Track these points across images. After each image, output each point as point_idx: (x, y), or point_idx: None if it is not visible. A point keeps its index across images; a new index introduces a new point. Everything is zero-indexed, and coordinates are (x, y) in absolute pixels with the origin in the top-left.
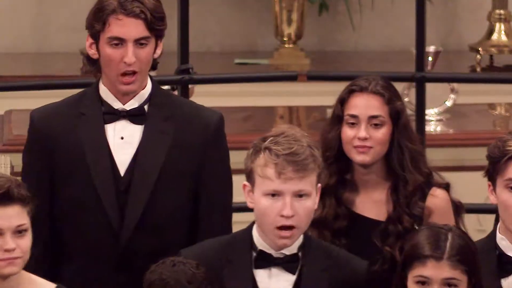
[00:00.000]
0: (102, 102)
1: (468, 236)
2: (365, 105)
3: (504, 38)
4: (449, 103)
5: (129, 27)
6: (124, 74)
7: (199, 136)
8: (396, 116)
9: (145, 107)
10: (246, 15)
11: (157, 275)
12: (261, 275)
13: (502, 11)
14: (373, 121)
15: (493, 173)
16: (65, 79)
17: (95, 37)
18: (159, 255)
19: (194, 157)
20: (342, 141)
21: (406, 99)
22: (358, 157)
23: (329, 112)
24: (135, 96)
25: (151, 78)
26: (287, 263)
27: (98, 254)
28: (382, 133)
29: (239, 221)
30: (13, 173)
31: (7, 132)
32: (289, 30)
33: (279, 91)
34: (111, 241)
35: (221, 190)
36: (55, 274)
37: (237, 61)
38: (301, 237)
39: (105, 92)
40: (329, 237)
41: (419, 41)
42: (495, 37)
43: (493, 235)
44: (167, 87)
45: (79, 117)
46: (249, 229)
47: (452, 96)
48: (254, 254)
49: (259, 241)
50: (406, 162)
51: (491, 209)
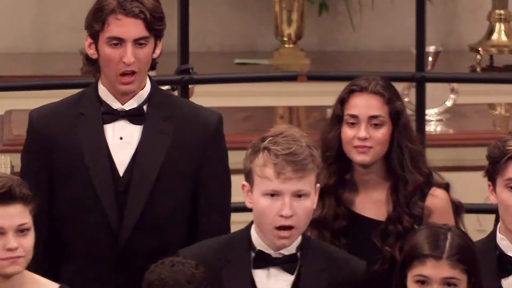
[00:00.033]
0: (101, 102)
1: (467, 235)
2: (365, 105)
3: (504, 38)
4: (449, 103)
5: (128, 27)
6: (123, 74)
7: (198, 136)
8: (396, 116)
9: (144, 107)
10: (246, 15)
11: (156, 275)
12: (259, 275)
13: (502, 11)
14: (373, 121)
15: (493, 173)
16: (65, 79)
17: (94, 37)
18: (158, 255)
19: (193, 157)
20: (342, 141)
21: (406, 99)
22: (358, 157)
23: (329, 112)
24: (134, 96)
25: (150, 78)
26: (286, 263)
27: (97, 254)
28: (382, 133)
29: (238, 221)
30: (13, 173)
31: (7, 132)
32: (289, 30)
33: (279, 91)
34: (110, 241)
35: (220, 190)
36: (54, 274)
37: (237, 61)
38: (300, 237)
39: (104, 92)
40: (328, 237)
41: (419, 41)
42: (495, 37)
43: (493, 235)
44: (167, 87)
45: (78, 117)
46: (248, 229)
47: (452, 96)
48: (252, 254)
49: (258, 241)
50: (406, 162)
51: (491, 209)
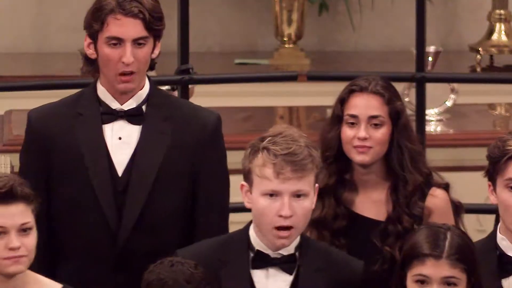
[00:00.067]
0: (100, 102)
1: (467, 235)
2: (365, 105)
3: (504, 38)
4: (449, 103)
5: (128, 27)
6: (122, 74)
7: (197, 136)
8: (396, 116)
9: (143, 108)
10: (246, 15)
11: (155, 275)
12: (258, 275)
13: (502, 11)
14: (373, 121)
15: (493, 173)
16: (65, 79)
17: (93, 37)
18: (157, 255)
19: (191, 158)
20: (341, 141)
21: (406, 99)
22: (357, 157)
23: (329, 112)
24: (133, 96)
25: (149, 78)
26: (284, 264)
27: (95, 254)
28: (381, 133)
29: (237, 221)
30: (13, 173)
31: (7, 132)
32: (289, 30)
33: (279, 91)
34: (109, 241)
35: (219, 190)
36: (53, 274)
37: (237, 61)
38: (298, 238)
39: (103, 92)
40: (328, 237)
41: (419, 41)
42: (495, 37)
43: (493, 235)
44: (167, 87)
45: (76, 117)
46: (246, 229)
47: (452, 96)
48: (251, 254)
49: (256, 241)
50: (405, 162)
51: (491, 209)
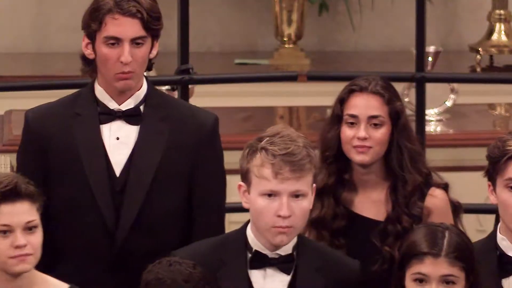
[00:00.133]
0: (97, 102)
1: (465, 234)
2: (364, 105)
3: (504, 38)
4: (449, 103)
5: (126, 27)
6: (120, 73)
7: (194, 136)
8: (395, 116)
9: (141, 108)
10: (246, 15)
11: (153, 274)
12: (256, 275)
13: (502, 11)
14: (373, 121)
15: (493, 173)
16: (65, 79)
17: (91, 37)
18: (155, 255)
19: (189, 158)
20: (341, 141)
21: (406, 99)
22: (357, 157)
23: (329, 112)
24: (131, 96)
25: (146, 78)
26: (282, 264)
27: (93, 254)
28: (381, 133)
29: (235, 221)
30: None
31: (7, 132)
32: (289, 30)
33: (279, 91)
34: (107, 241)
35: (216, 190)
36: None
37: (237, 61)
38: (295, 238)
39: (100, 92)
40: (327, 237)
41: (419, 41)
42: (495, 37)
43: (493, 235)
44: (167, 87)
45: (74, 117)
46: (243, 229)
47: (452, 96)
48: (249, 254)
49: (254, 242)
50: (405, 162)
51: (491, 209)
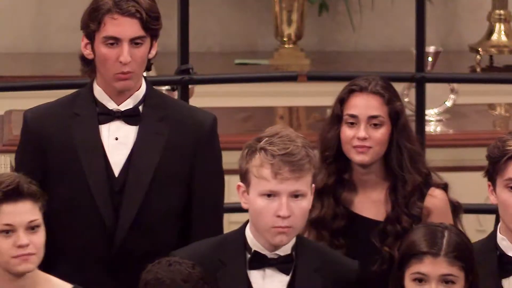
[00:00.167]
0: (96, 102)
1: (464, 234)
2: (364, 105)
3: (504, 38)
4: (449, 103)
5: (125, 27)
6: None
7: (193, 137)
8: (395, 116)
9: (140, 108)
10: (246, 15)
11: (152, 274)
12: (255, 276)
13: (502, 11)
14: (373, 121)
15: (493, 173)
16: (65, 79)
17: (90, 37)
18: (153, 255)
19: (187, 158)
20: (341, 141)
21: (406, 99)
22: (357, 157)
23: (329, 112)
24: (129, 96)
25: (145, 79)
26: (281, 264)
27: (92, 254)
28: (381, 133)
29: (234, 221)
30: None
31: (7, 132)
32: (289, 30)
33: (279, 91)
34: (106, 242)
35: (214, 190)
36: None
37: (237, 61)
38: (294, 238)
39: (99, 92)
40: (327, 237)
41: (419, 41)
42: (495, 37)
43: (493, 235)
44: (167, 87)
45: (73, 117)
46: (242, 230)
47: (452, 96)
48: (248, 255)
49: (253, 242)
50: (405, 162)
51: (491, 209)
